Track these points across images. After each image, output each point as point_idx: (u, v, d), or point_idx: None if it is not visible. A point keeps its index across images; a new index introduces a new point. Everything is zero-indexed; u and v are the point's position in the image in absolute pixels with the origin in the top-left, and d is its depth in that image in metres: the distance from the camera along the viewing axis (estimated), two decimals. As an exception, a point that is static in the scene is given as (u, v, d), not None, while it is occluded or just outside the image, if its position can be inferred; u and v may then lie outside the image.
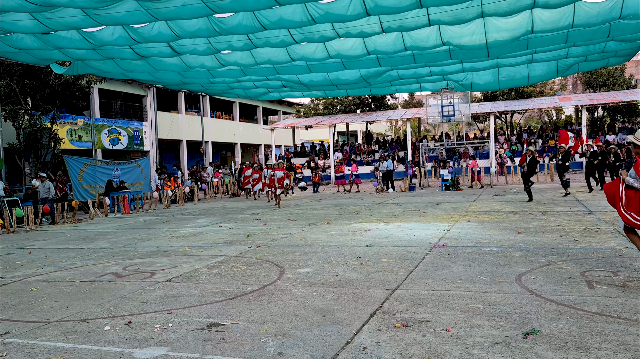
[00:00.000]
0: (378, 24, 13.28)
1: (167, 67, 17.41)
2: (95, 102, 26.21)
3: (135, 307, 5.80)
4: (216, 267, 7.84)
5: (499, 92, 37.82)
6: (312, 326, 4.82)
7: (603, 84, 36.97)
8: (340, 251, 8.60)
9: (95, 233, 13.01)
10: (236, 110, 39.65)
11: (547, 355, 3.86)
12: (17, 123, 19.89)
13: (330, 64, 17.64)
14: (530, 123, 52.45)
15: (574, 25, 13.41)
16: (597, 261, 6.97)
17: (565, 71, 20.47)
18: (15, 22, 12.13)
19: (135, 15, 11.69)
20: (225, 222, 13.85)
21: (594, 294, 5.41)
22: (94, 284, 7.13)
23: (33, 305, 6.15)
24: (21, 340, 4.86)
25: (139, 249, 9.98)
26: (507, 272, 6.59)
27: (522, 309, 5.00)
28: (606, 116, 38.50)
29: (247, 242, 10.19)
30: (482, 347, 4.09)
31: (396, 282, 6.32)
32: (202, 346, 4.44)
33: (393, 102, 46.78)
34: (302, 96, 25.65)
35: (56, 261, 9.15)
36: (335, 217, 13.59)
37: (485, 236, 9.42)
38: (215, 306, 5.64)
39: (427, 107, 23.96)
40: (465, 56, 17.03)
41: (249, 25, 12.70)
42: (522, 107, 32.40)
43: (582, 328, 4.41)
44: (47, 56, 15.62)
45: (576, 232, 9.31)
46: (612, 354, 3.84)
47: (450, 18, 12.89)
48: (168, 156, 35.93)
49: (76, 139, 24.91)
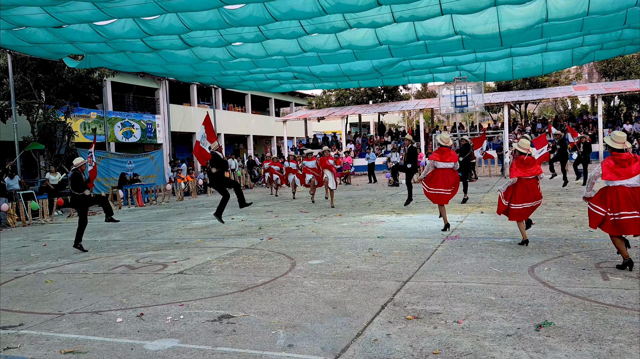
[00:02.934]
0: (389, 13, 13.14)
1: (179, 59, 17.41)
2: (108, 95, 26.35)
3: (147, 299, 5.83)
4: (228, 259, 7.86)
5: (513, 82, 37.40)
6: (323, 318, 4.82)
7: (619, 72, 36.41)
8: (352, 243, 8.59)
9: (108, 226, 13.11)
10: (248, 102, 39.66)
11: (560, 347, 3.82)
12: (32, 117, 20.07)
13: (342, 55, 17.52)
14: (545, 113, 51.84)
15: (589, 12, 13.16)
16: (611, 252, 6.88)
17: (581, 60, 20.13)
18: (28, 16, 12.20)
19: (145, 7, 11.69)
20: (238, 214, 13.89)
21: (608, 286, 5.34)
22: (107, 276, 7.19)
23: (47, 297, 6.22)
24: (35, 332, 4.91)
25: (151, 242, 10.05)
26: (519, 263, 6.53)
27: (535, 301, 4.95)
28: (623, 105, 37.94)
29: (258, 234, 10.21)
30: (493, 339, 4.05)
31: (408, 274, 6.29)
32: (213, 337, 4.46)
33: (405, 93, 46.51)
34: (314, 87, 25.53)
35: (70, 254, 9.24)
36: (347, 209, 13.56)
37: (498, 227, 9.34)
38: (226, 298, 5.66)
39: (440, 98, 23.77)
40: (479, 46, 16.81)
41: (260, 16, 12.64)
42: (537, 96, 32.00)
43: (595, 320, 4.35)
44: (60, 50, 15.70)
45: (591, 223, 9.20)
46: (626, 346, 3.79)
47: (463, 7, 12.72)
48: (181, 148, 36.09)
49: (89, 132, 25.09)
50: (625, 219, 5.85)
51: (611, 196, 5.99)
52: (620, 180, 5.94)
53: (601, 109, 29.39)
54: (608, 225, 6.02)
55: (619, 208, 5.89)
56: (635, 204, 5.85)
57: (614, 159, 6.05)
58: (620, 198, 5.90)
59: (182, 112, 31.31)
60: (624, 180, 5.93)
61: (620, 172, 5.94)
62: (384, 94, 41.96)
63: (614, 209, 5.94)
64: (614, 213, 5.93)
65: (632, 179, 5.91)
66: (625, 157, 5.99)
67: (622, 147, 6.04)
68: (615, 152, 6.07)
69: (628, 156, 5.99)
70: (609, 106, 36.74)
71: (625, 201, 5.87)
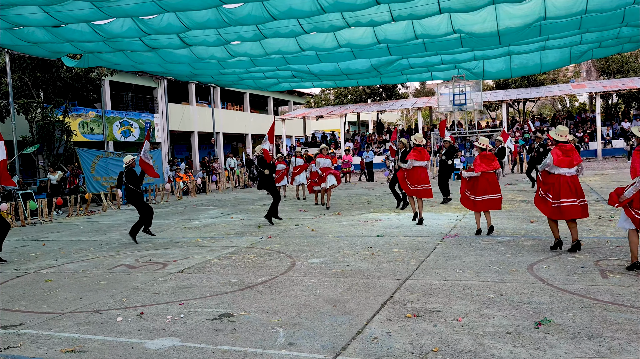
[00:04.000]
0: (388, 12, 13.14)
1: (177, 58, 17.39)
2: (106, 94, 26.31)
3: (147, 298, 5.84)
4: (227, 258, 7.87)
5: (512, 80, 37.42)
6: (323, 316, 4.83)
7: (617, 70, 36.45)
8: (351, 241, 8.60)
9: (108, 225, 13.12)
10: (247, 101, 39.63)
11: (559, 345, 3.84)
12: (30, 116, 20.03)
13: (341, 54, 17.51)
14: (543, 111, 51.88)
15: (588, 10, 13.17)
16: (610, 249, 6.90)
17: (579, 58, 20.14)
18: (26, 16, 12.18)
19: (144, 7, 11.68)
20: (237, 213, 13.90)
21: (607, 284, 5.36)
22: (106, 275, 7.19)
23: (47, 296, 6.22)
24: (35, 331, 4.92)
25: (151, 241, 10.05)
26: (519, 261, 6.55)
27: (534, 299, 4.97)
28: (621, 103, 37.99)
29: (258, 233, 10.22)
30: (493, 337, 4.07)
31: (407, 272, 6.31)
32: (213, 336, 4.47)
33: (404, 92, 46.50)
34: (313, 86, 25.52)
35: (70, 253, 9.24)
36: (346, 208, 13.57)
37: (497, 225, 9.35)
38: (226, 297, 5.67)
39: (438, 96, 23.84)
40: (477, 44, 16.82)
41: (258, 15, 12.64)
42: (535, 95, 32.05)
43: (594, 318, 4.37)
44: (58, 49, 15.68)
45: (589, 220, 9.21)
46: (625, 343, 3.80)
47: (461, 5, 12.72)
48: (180, 147, 36.05)
49: (88, 131, 25.06)
50: (564, 205, 6.79)
51: (553, 185, 6.91)
52: (563, 168, 6.87)
53: (599, 107, 29.42)
54: (552, 210, 6.94)
55: (559, 196, 6.82)
56: (573, 192, 6.81)
57: (561, 150, 6.96)
58: (561, 186, 6.83)
59: (180, 111, 31.28)
60: (565, 169, 6.87)
61: (566, 161, 6.89)
62: (382, 92, 41.97)
63: (554, 197, 6.87)
64: (555, 200, 6.85)
65: (572, 169, 6.91)
66: (569, 147, 6.97)
67: (565, 139, 7.01)
68: (561, 144, 7.00)
69: (571, 147, 6.99)
70: (607, 104, 36.79)
71: (565, 189, 6.81)
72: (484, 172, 8.35)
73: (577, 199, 6.82)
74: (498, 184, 8.50)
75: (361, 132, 40.38)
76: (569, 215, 6.82)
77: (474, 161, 8.52)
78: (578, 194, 6.83)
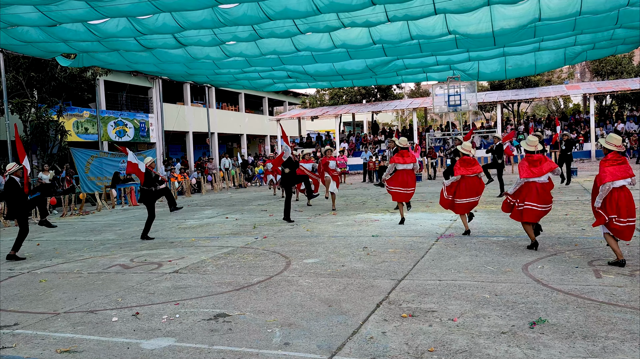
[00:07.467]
0: (383, 13, 13.17)
1: (172, 58, 17.36)
2: (101, 94, 26.21)
3: (142, 298, 5.83)
4: (223, 258, 7.87)
5: (506, 81, 37.52)
6: (319, 316, 4.84)
7: (611, 72, 36.60)
8: (347, 242, 8.61)
9: (102, 225, 13.08)
10: (242, 101, 39.57)
11: (554, 344, 3.86)
12: (24, 116, 19.94)
13: (336, 54, 17.53)
14: (537, 112, 52.06)
15: (582, 12, 13.24)
16: (604, 250, 6.94)
17: (573, 59, 20.23)
18: (20, 15, 12.14)
19: (139, 6, 11.66)
20: (232, 213, 13.89)
21: (601, 284, 5.39)
22: (101, 275, 7.17)
23: (42, 296, 6.20)
24: (30, 331, 4.90)
25: (146, 241, 10.02)
26: (513, 261, 6.57)
27: (529, 299, 4.99)
28: (614, 104, 38.16)
29: (253, 233, 10.22)
30: (488, 337, 4.09)
31: (402, 272, 6.32)
32: (209, 336, 4.47)
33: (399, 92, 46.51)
34: (308, 86, 25.53)
35: (64, 253, 9.21)
36: (341, 208, 13.58)
37: (492, 225, 9.40)
38: (222, 297, 5.67)
39: (433, 97, 23.88)
40: (472, 45, 16.88)
41: (254, 15, 12.63)
42: (530, 96, 32.13)
43: (589, 317, 4.39)
44: (53, 49, 15.62)
45: (584, 221, 9.26)
46: (619, 343, 3.83)
47: (456, 6, 12.77)
48: (174, 147, 35.96)
49: (82, 131, 24.97)
50: (526, 208, 7.01)
51: (524, 190, 7.11)
52: (533, 177, 7.01)
53: (593, 108, 29.54)
54: (515, 213, 7.20)
55: (524, 199, 7.04)
56: (539, 197, 6.99)
57: (528, 160, 7.13)
58: (531, 192, 7.01)
59: (175, 111, 31.20)
60: (536, 177, 7.01)
61: (534, 170, 7.01)
62: (377, 93, 41.97)
63: (521, 201, 7.09)
64: (520, 203, 7.10)
65: (543, 177, 7.04)
66: (536, 157, 7.11)
67: (534, 149, 7.15)
68: (528, 154, 7.19)
69: (539, 157, 7.12)
70: (601, 105, 36.93)
71: (534, 194, 6.99)
72: (464, 175, 8.51)
73: (540, 205, 7.01)
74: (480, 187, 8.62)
75: (356, 133, 40.39)
76: (527, 218, 7.04)
77: (455, 165, 8.72)
78: (544, 200, 7.04)
